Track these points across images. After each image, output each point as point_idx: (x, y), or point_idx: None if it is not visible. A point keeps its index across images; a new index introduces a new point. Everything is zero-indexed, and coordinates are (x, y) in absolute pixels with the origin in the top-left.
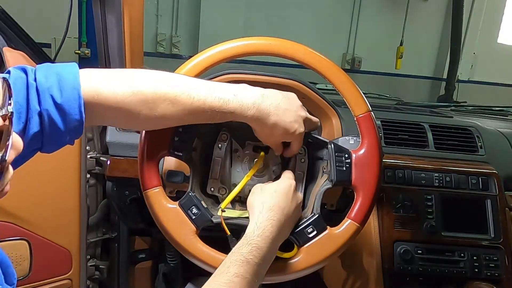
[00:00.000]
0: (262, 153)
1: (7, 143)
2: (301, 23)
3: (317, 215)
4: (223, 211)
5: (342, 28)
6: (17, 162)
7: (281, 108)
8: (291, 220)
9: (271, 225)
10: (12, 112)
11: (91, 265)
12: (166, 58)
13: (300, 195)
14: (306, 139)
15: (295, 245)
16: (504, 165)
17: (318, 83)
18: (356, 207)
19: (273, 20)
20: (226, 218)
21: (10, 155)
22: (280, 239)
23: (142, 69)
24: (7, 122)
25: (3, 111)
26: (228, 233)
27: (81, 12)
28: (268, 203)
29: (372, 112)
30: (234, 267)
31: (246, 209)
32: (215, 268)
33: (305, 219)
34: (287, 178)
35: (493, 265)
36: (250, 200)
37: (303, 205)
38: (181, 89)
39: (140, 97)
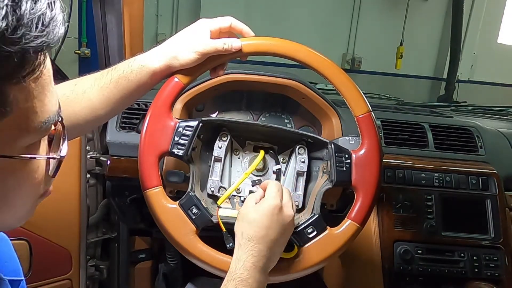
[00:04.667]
0: (262, 152)
1: (60, 145)
2: (301, 23)
3: (317, 216)
4: (219, 207)
5: (342, 28)
6: None
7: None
8: (277, 245)
9: (252, 256)
10: (61, 118)
11: (91, 265)
12: None
13: (290, 212)
14: (306, 139)
15: (295, 245)
16: (504, 165)
17: (318, 83)
18: (356, 208)
19: (273, 20)
20: (226, 218)
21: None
22: (269, 265)
23: None
24: (59, 128)
25: (56, 117)
26: (224, 230)
27: (81, 12)
28: (246, 233)
29: (372, 113)
30: None
31: None
32: (215, 268)
33: (305, 220)
34: (271, 198)
35: (493, 265)
36: (235, 227)
37: (303, 205)
38: None
39: None
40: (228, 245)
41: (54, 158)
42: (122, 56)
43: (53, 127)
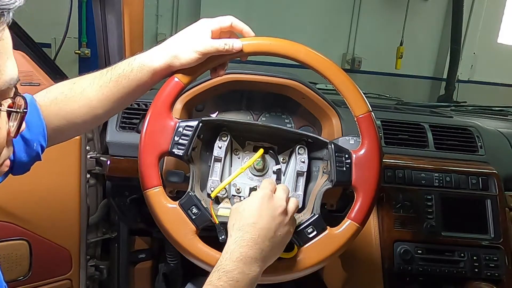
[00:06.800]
0: (261, 150)
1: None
2: (301, 23)
3: (317, 216)
4: (211, 199)
5: (342, 28)
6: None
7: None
8: (270, 235)
9: (240, 246)
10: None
11: (91, 265)
12: None
13: (281, 202)
14: (306, 139)
15: (295, 245)
16: (504, 165)
17: (318, 83)
18: (356, 208)
19: (273, 20)
20: (225, 218)
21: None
22: (263, 256)
23: None
24: (19, 102)
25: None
26: (217, 222)
27: (81, 12)
28: (237, 224)
29: (372, 113)
30: None
31: None
32: None
33: (305, 220)
34: (262, 189)
35: (493, 265)
36: (228, 222)
37: (303, 205)
38: None
39: None
40: (220, 238)
41: (17, 112)
42: (122, 56)
43: (11, 101)
